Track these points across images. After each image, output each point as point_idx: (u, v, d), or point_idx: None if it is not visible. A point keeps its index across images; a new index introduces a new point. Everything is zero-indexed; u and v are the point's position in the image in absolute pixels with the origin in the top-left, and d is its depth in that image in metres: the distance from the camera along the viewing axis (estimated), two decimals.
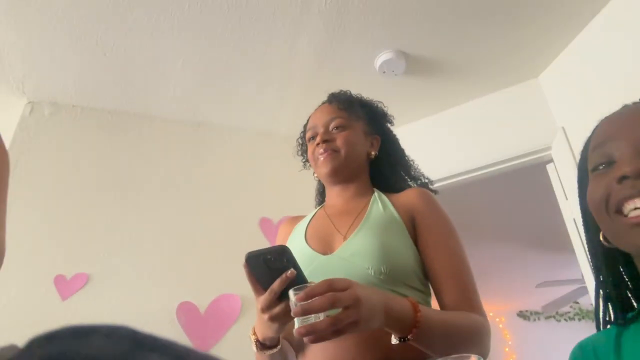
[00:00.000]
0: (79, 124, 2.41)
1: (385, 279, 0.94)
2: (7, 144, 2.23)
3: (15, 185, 2.17)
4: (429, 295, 1.02)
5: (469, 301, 0.94)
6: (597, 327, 0.70)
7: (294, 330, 0.74)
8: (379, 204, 1.07)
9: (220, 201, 2.45)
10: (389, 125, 1.24)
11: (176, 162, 2.49)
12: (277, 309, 0.81)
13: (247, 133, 2.68)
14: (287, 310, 0.80)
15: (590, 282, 1.99)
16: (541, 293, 5.08)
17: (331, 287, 0.74)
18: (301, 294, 0.74)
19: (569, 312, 6.00)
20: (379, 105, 1.24)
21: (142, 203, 2.34)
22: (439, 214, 1.04)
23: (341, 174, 1.11)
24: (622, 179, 0.60)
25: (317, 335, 0.73)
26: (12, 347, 0.17)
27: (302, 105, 2.22)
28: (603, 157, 0.65)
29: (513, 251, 4.54)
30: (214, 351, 2.10)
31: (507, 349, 5.69)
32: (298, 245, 1.06)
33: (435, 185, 1.22)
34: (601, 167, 0.65)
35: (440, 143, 2.58)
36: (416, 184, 1.18)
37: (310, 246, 1.05)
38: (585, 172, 0.69)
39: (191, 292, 2.20)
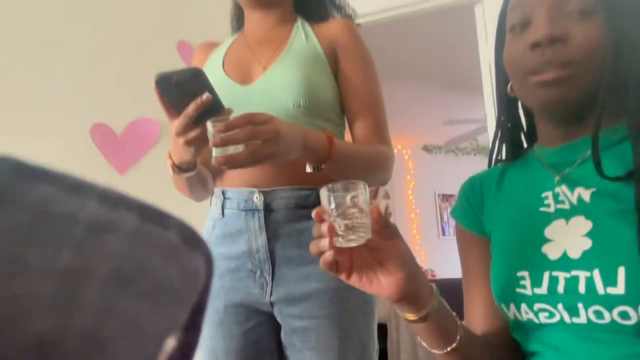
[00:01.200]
0: None
1: (304, 112, 0.96)
2: None
3: None
4: (344, 127, 1.08)
5: (379, 134, 1.01)
6: (489, 164, 0.79)
7: (212, 159, 0.77)
8: (302, 34, 1.03)
9: (135, 18, 2.21)
10: None
11: None
12: (192, 134, 0.81)
13: None
14: (203, 135, 0.81)
15: (491, 122, 2.17)
16: (446, 130, 5.51)
17: (251, 120, 0.76)
18: (221, 125, 0.75)
19: (467, 148, 6.67)
20: None
21: (50, 16, 2.06)
22: (361, 49, 1.04)
23: None
24: (535, 45, 0.63)
25: (236, 164, 0.76)
26: None
27: None
28: (520, 18, 0.66)
29: (425, 90, 4.74)
30: (131, 173, 2.12)
31: (408, 177, 6.35)
32: (214, 73, 1.02)
33: (357, 21, 1.18)
34: (517, 28, 0.67)
35: None
36: (340, 14, 1.13)
37: (227, 75, 1.02)
38: (503, 27, 0.71)
39: (105, 114, 2.11)
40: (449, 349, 0.63)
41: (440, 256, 5.79)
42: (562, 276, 0.60)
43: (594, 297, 0.57)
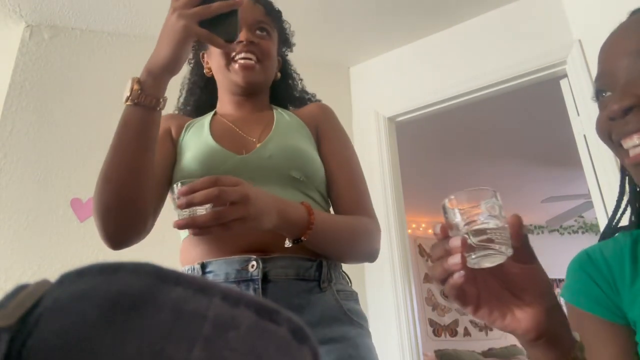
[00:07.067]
0: (80, 47, 2.35)
1: (303, 183, 0.94)
2: (9, 69, 2.20)
3: (22, 111, 2.17)
4: (329, 204, 1.03)
5: (363, 206, 0.99)
6: (606, 232, 0.70)
7: (173, 222, 0.71)
8: (284, 115, 1.06)
9: None
10: (288, 51, 1.18)
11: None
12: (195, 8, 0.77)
13: None
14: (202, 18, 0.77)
15: (595, 196, 2.01)
16: (546, 208, 5.17)
17: (217, 182, 0.70)
18: (185, 187, 0.69)
19: (573, 226, 6.15)
20: (289, 27, 1.15)
21: None
22: (339, 127, 1.08)
23: (256, 88, 1.03)
24: (612, 119, 0.61)
25: (199, 228, 0.69)
26: (45, 283, 0.19)
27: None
28: (601, 86, 0.65)
29: (520, 167, 4.56)
30: None
31: None
32: (205, 141, 0.96)
33: (446, 104, 1.21)
34: (601, 96, 0.65)
35: (451, 59, 2.50)
36: (311, 101, 1.18)
37: (220, 145, 0.95)
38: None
39: None
40: None
41: None
42: None
43: None
